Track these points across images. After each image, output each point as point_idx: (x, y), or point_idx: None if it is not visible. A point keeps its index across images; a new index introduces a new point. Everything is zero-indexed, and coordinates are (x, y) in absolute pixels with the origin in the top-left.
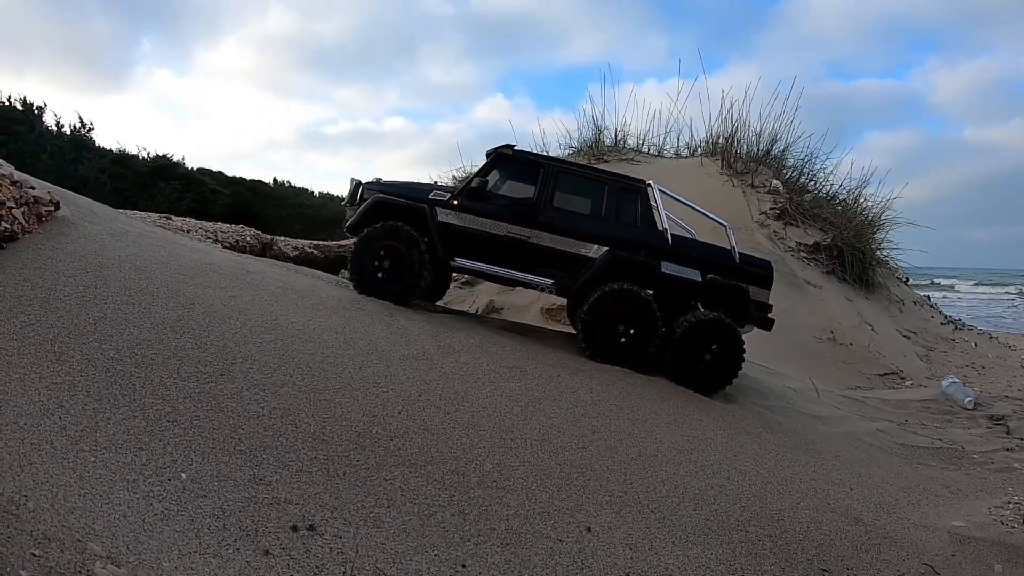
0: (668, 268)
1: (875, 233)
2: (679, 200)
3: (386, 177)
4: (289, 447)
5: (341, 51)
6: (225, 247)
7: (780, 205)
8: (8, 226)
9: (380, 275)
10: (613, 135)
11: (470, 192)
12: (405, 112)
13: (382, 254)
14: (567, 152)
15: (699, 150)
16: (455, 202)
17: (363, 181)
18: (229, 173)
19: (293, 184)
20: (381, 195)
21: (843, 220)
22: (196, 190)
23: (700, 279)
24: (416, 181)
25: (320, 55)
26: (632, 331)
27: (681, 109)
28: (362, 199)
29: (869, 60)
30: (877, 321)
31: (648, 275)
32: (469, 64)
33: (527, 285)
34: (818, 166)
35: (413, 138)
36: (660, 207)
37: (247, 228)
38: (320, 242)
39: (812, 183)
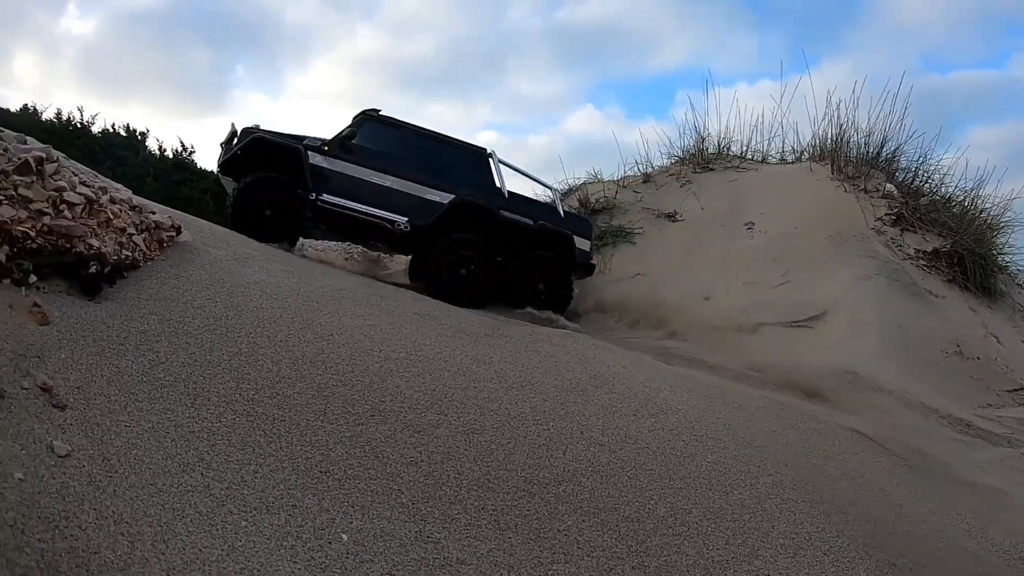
0: (506, 215)
1: (995, 237)
2: (513, 168)
3: None
4: (454, 497)
5: (432, 69)
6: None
7: (896, 210)
8: (129, 254)
9: (264, 223)
10: (716, 142)
11: (339, 142)
12: (497, 126)
13: (265, 204)
14: (671, 161)
15: (805, 154)
16: (326, 148)
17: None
18: None
19: None
20: (260, 134)
21: (961, 224)
22: None
23: (533, 224)
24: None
25: (412, 73)
26: (472, 269)
27: (785, 112)
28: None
29: (966, 48)
30: (1002, 332)
31: (490, 218)
32: (558, 76)
33: (382, 220)
34: (932, 167)
35: (506, 151)
36: (498, 170)
37: (354, 244)
38: None
39: (927, 185)
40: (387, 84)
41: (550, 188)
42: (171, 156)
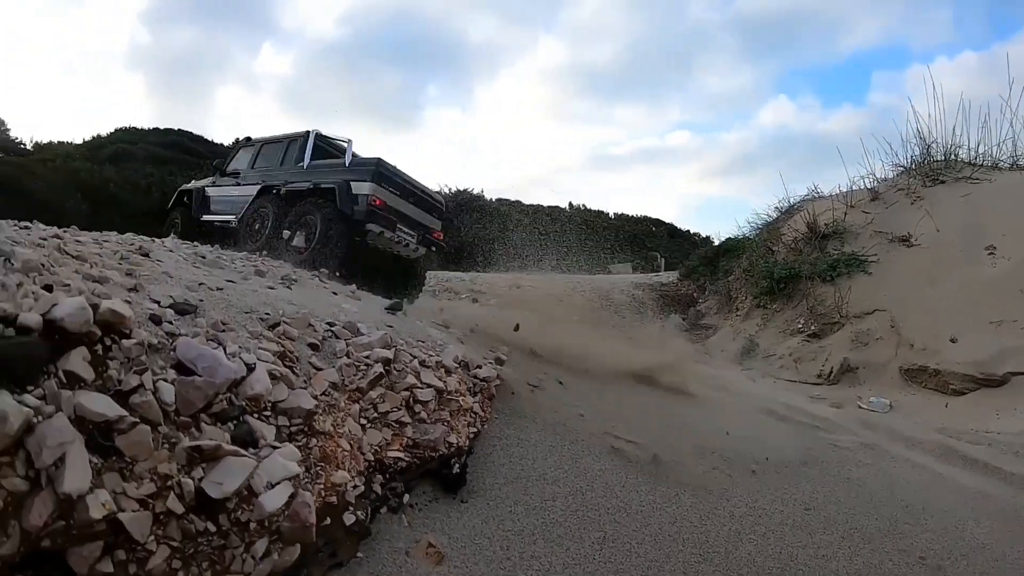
0: (289, 186)
1: None
2: (335, 139)
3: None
4: None
5: (616, 73)
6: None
7: None
8: (475, 428)
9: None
10: (943, 149)
11: (220, 172)
12: (688, 125)
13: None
14: (896, 173)
15: None
16: (213, 180)
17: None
18: (526, 201)
19: (588, 207)
20: (184, 186)
21: None
22: (497, 222)
23: (310, 185)
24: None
25: (597, 79)
26: (257, 228)
27: (1014, 110)
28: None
29: None
30: None
31: (275, 193)
32: (745, 68)
33: (224, 222)
34: None
35: (699, 151)
36: (309, 149)
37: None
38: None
39: None
40: (574, 91)
41: (344, 141)
42: None
